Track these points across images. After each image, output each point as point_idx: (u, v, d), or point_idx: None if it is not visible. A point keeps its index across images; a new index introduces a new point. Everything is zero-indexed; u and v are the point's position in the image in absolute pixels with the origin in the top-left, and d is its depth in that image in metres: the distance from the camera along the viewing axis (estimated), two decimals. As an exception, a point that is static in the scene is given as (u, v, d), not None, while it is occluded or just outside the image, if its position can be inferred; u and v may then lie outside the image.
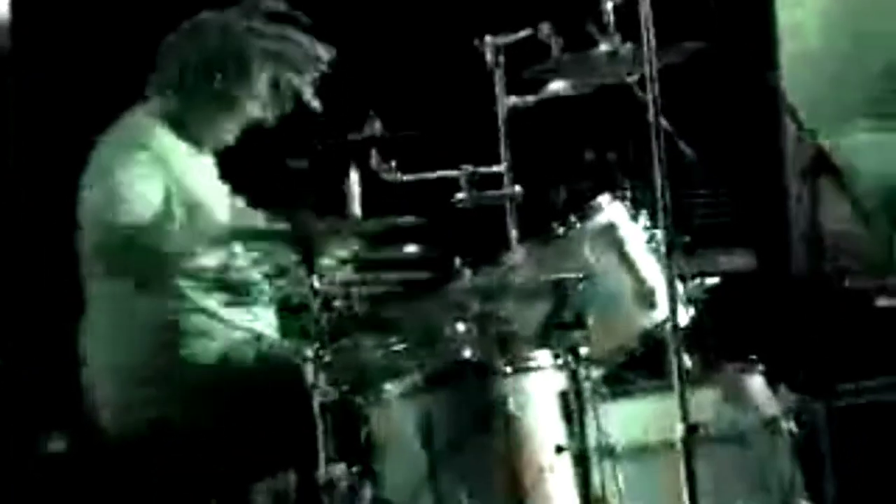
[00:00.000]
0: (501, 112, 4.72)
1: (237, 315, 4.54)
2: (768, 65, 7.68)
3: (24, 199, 5.67)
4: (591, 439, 3.95)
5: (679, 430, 3.70)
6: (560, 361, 4.01)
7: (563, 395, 3.96)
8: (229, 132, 4.69)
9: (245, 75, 4.62)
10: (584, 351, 3.97)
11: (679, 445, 3.70)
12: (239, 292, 4.55)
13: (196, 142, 4.68)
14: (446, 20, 5.69)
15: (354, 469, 3.96)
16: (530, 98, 4.75)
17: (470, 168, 4.51)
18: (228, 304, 4.50)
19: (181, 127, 4.65)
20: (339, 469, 3.90)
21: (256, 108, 4.67)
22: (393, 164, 4.59)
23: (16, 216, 5.69)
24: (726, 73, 6.27)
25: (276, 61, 4.66)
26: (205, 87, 4.62)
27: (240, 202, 4.86)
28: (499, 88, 4.76)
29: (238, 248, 4.49)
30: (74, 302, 4.61)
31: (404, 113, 4.97)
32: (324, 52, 4.65)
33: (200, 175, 4.69)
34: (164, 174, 4.42)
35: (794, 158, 7.38)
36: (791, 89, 6.76)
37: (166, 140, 4.57)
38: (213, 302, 4.47)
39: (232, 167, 4.93)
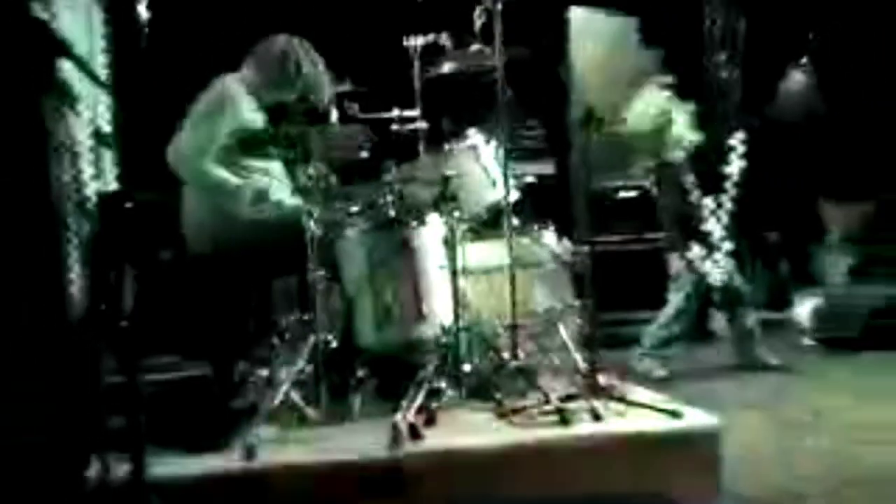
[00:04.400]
0: (417, 81, 6.59)
1: (274, 188, 6.22)
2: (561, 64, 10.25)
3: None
4: (458, 263, 5.79)
5: (507, 259, 5.74)
6: (443, 219, 5.87)
7: (445, 239, 5.84)
8: (274, 102, 6.38)
9: (291, 89, 6.33)
10: (456, 214, 5.86)
11: (523, 260, 5.95)
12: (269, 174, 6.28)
13: (258, 100, 6.35)
14: (388, 27, 6.81)
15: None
16: (433, 72, 6.60)
17: (399, 111, 6.45)
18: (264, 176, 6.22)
19: (252, 92, 6.36)
20: (319, 274, 5.53)
21: (290, 98, 6.32)
22: (356, 106, 6.33)
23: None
24: (539, 67, 8.17)
25: (309, 90, 6.31)
26: (272, 81, 6.40)
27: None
28: (416, 67, 6.54)
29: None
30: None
31: (363, 79, 6.45)
32: (334, 89, 6.40)
33: (257, 117, 6.30)
34: (232, 117, 6.13)
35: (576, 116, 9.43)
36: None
37: (243, 97, 6.30)
38: (254, 179, 6.17)
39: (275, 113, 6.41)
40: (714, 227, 8.79)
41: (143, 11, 5.79)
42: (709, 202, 8.81)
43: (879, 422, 6.86)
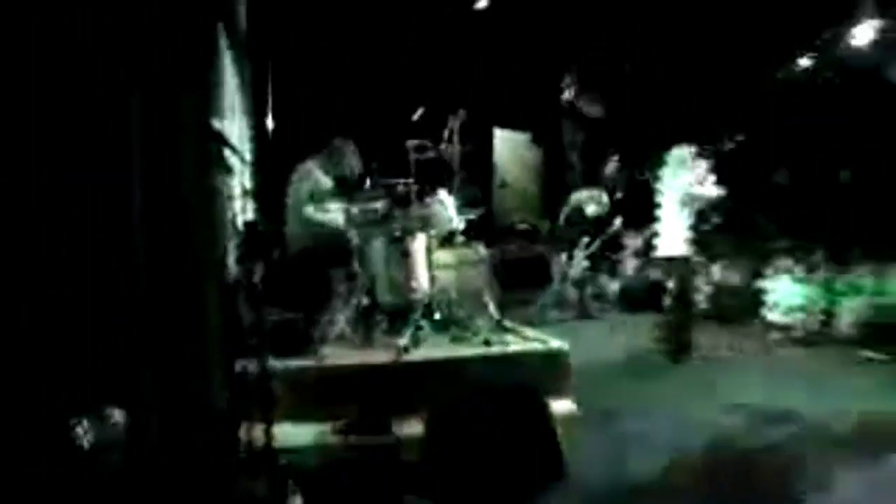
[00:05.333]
0: (412, 164, 5.98)
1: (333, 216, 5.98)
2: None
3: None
4: (434, 262, 5.79)
5: (458, 259, 5.96)
6: (424, 236, 5.76)
7: (427, 248, 5.76)
8: (335, 174, 6.15)
9: (343, 167, 6.21)
10: (432, 234, 5.83)
11: (460, 264, 6.03)
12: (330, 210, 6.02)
13: (326, 172, 6.16)
14: (397, 134, 6.09)
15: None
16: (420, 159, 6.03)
17: (402, 180, 5.95)
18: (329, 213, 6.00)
19: (325, 168, 6.20)
20: (357, 266, 5.62)
21: (341, 173, 6.18)
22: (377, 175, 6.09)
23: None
24: (478, 157, 7.10)
25: (344, 170, 6.22)
26: (333, 166, 6.21)
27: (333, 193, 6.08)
28: (411, 156, 5.99)
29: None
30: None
31: (383, 162, 6.16)
32: (359, 165, 6.28)
33: (325, 180, 6.10)
34: (314, 185, 6.02)
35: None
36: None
37: (318, 172, 6.14)
38: (326, 215, 6.00)
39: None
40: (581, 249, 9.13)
41: (269, 122, 6.05)
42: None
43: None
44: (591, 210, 9.57)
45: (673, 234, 7.12)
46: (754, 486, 3.80)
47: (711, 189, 7.15)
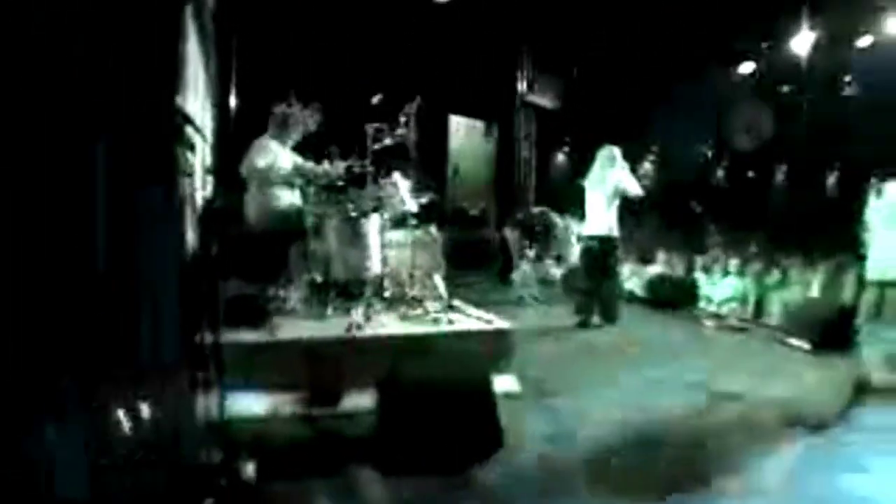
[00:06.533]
0: (369, 147, 5.96)
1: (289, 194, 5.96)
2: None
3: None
4: (387, 242, 5.81)
5: (410, 239, 5.97)
6: (378, 216, 5.77)
7: (380, 228, 5.78)
8: (290, 142, 6.05)
9: (296, 130, 6.07)
10: (385, 216, 5.86)
11: (412, 245, 6.03)
12: (291, 185, 5.99)
13: (282, 144, 6.04)
14: (358, 118, 6.03)
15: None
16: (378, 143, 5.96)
17: (360, 161, 6.00)
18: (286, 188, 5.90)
19: (278, 139, 6.04)
20: (313, 243, 5.58)
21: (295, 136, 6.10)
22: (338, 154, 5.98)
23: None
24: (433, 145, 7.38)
25: (296, 134, 6.08)
26: (286, 133, 6.06)
27: (293, 161, 6.01)
28: (369, 140, 5.95)
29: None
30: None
31: (344, 145, 6.02)
32: (317, 118, 6.18)
33: (284, 153, 6.00)
34: (273, 154, 5.91)
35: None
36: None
37: (274, 143, 6.02)
38: (281, 191, 5.92)
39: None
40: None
41: (232, 101, 6.02)
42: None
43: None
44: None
45: (594, 218, 7.62)
46: (681, 463, 3.99)
47: (636, 187, 7.62)
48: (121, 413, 3.05)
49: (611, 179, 7.54)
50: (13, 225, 2.98)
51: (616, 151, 7.65)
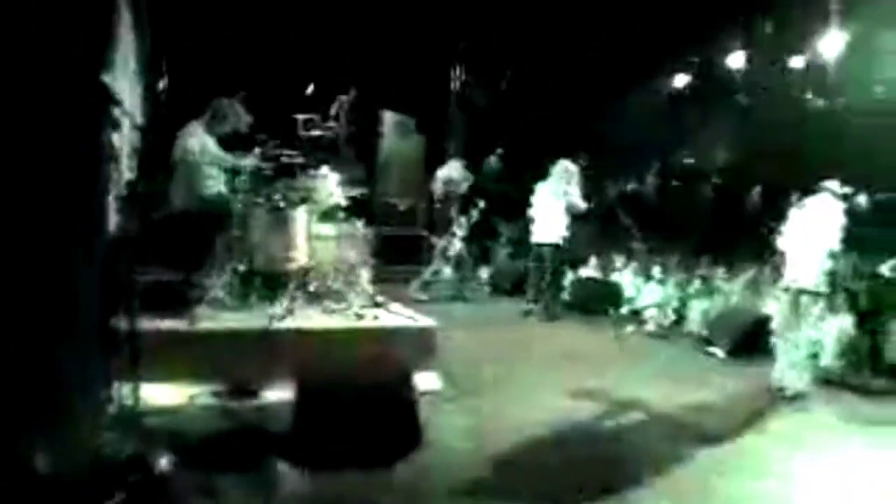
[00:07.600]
0: (299, 138, 6.09)
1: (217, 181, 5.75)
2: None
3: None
4: (313, 234, 5.77)
5: (337, 233, 5.92)
6: (307, 209, 5.74)
7: (308, 220, 5.77)
8: (219, 133, 5.77)
9: (227, 124, 5.79)
10: (313, 208, 5.82)
11: (339, 238, 5.94)
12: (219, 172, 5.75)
13: (210, 133, 5.78)
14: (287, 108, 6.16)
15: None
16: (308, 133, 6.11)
17: (289, 152, 5.95)
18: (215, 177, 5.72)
19: (209, 128, 5.79)
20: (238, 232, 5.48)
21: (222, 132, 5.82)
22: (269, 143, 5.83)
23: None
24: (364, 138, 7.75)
25: (226, 128, 5.83)
26: (218, 123, 5.81)
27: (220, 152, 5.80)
28: (300, 131, 6.10)
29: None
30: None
31: (274, 134, 5.94)
32: (248, 119, 5.96)
33: (211, 142, 5.76)
34: (202, 142, 5.71)
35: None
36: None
37: (201, 130, 5.80)
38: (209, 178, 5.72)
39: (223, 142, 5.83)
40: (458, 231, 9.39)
41: (162, 84, 5.86)
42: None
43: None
44: (462, 184, 9.98)
45: (547, 227, 8.25)
46: (592, 464, 4.07)
47: (581, 203, 8.31)
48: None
49: (565, 192, 8.21)
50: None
51: (572, 167, 8.33)
